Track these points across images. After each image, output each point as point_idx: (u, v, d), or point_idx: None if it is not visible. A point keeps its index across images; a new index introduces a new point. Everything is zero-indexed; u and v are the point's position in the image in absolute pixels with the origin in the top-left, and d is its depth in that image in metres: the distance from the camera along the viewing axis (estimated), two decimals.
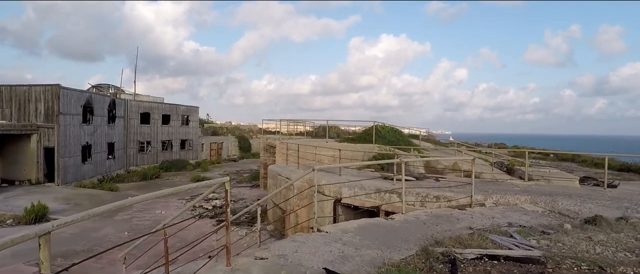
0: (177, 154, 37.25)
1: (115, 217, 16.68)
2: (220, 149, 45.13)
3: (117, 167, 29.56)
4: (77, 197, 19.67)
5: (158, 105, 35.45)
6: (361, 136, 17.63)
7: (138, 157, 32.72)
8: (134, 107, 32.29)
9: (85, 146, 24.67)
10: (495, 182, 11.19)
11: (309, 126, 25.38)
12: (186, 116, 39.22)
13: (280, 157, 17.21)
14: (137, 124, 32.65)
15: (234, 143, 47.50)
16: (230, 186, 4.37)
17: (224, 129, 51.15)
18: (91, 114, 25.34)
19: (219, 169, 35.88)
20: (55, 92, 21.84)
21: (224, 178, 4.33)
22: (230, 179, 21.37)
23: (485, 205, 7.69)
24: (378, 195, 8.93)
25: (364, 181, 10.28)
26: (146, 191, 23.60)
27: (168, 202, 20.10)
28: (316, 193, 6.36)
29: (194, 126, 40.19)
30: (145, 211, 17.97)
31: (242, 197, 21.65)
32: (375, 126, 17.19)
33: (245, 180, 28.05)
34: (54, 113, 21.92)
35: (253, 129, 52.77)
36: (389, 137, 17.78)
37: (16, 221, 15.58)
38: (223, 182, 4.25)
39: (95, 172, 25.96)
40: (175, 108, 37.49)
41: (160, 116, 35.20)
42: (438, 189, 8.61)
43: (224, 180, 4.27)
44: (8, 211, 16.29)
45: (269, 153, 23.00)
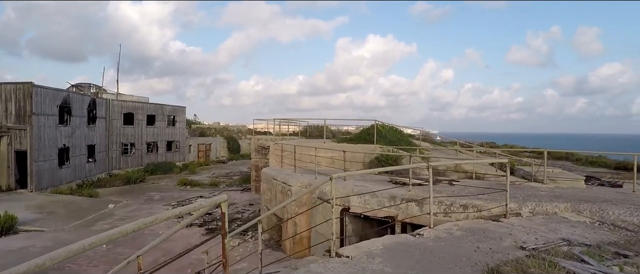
0: (163, 156, 35.60)
1: (93, 227, 15.21)
2: (208, 151, 43.56)
3: (98, 171, 27.85)
4: (51, 205, 18.07)
5: (142, 105, 33.76)
6: (360, 136, 16.52)
7: (121, 159, 31.01)
8: (117, 107, 30.58)
9: (62, 149, 22.97)
10: (513, 186, 10.17)
11: (302, 126, 24.19)
12: (172, 116, 37.57)
13: (275, 159, 15.99)
14: (120, 125, 30.94)
15: (222, 144, 45.97)
16: (227, 207, 3.17)
17: (212, 129, 49.56)
18: (69, 114, 23.65)
19: (207, 171, 34.38)
20: (27, 90, 20.15)
21: (220, 197, 3.13)
22: (221, 182, 19.94)
23: (521, 215, 6.63)
24: (393, 203, 7.80)
25: (372, 186, 9.15)
26: (129, 196, 22.07)
27: (153, 209, 18.65)
28: (334, 207, 5.17)
29: (180, 127, 38.57)
30: (128, 219, 16.51)
31: (233, 202, 20.31)
32: (375, 126, 16.10)
33: (236, 183, 26.69)
34: (26, 113, 20.22)
35: (242, 129, 51.29)
36: (390, 137, 16.71)
37: None
38: (219, 203, 3.05)
39: (74, 177, 24.27)
40: (161, 108, 35.84)
41: (144, 116, 33.52)
42: (464, 197, 7.52)
43: (220, 200, 3.07)
44: None
45: (261, 155, 21.71)
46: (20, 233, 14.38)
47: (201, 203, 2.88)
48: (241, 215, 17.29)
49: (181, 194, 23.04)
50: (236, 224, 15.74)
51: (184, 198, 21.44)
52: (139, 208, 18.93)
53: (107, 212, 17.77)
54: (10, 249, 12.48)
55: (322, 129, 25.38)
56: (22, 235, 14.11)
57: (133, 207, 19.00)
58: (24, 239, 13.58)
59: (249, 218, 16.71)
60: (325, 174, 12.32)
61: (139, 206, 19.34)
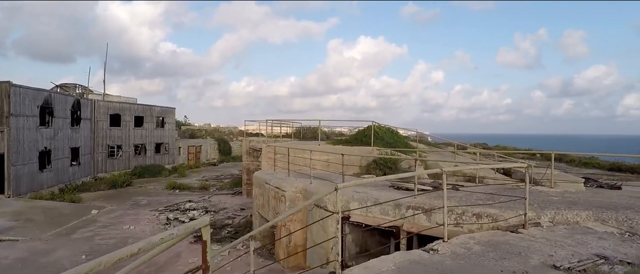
0: (152, 158, 34.55)
1: (73, 235, 14.29)
2: (198, 153, 42.56)
3: (82, 174, 26.76)
4: (29, 212, 17.05)
5: (130, 106, 32.70)
6: (356, 138, 15.86)
7: (107, 162, 29.91)
8: (103, 108, 29.50)
9: (43, 152, 21.90)
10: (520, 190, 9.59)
11: (295, 127, 23.45)
12: (161, 117, 36.55)
13: (267, 162, 15.25)
14: (106, 127, 29.86)
15: (213, 146, 44.98)
16: (209, 234, 2.44)
17: (203, 131, 48.54)
18: (51, 115, 22.59)
19: (197, 174, 33.42)
20: (4, 90, 19.09)
21: (201, 220, 2.40)
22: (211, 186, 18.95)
23: (540, 225, 6.01)
24: (397, 211, 7.13)
25: (374, 192, 8.48)
26: (114, 200, 21.10)
27: (139, 215, 17.74)
28: (339, 223, 4.47)
29: (170, 129, 37.55)
30: (111, 226, 15.61)
31: (224, 207, 19.50)
32: (372, 127, 15.46)
33: (227, 186, 25.83)
34: (3, 114, 19.16)
35: (233, 131, 50.35)
36: (387, 139, 16.08)
37: None
38: (198, 229, 2.34)
39: (57, 181, 23.19)
40: (150, 109, 34.79)
41: (132, 117, 32.46)
42: (476, 205, 6.89)
43: (200, 224, 2.36)
44: None
45: (252, 157, 20.93)
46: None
47: (174, 232, 2.15)
48: (232, 221, 16.49)
49: (169, 198, 22.13)
50: (226, 231, 14.96)
51: (172, 203, 20.54)
52: (124, 213, 18.00)
53: (90, 218, 16.82)
54: None
55: (316, 131, 24.70)
56: None
57: (118, 213, 18.06)
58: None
59: (240, 224, 15.94)
60: (321, 178, 11.65)
61: (124, 211, 18.42)
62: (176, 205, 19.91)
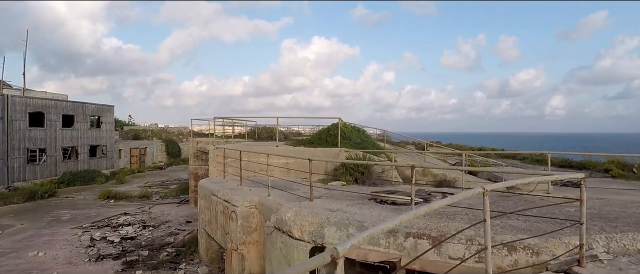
0: (86, 163, 30.29)
1: None
2: (143, 156, 38.49)
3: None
4: None
5: (56, 103, 28.28)
6: (320, 137, 13.78)
7: (27, 169, 25.47)
8: (19, 105, 25.03)
9: None
10: (518, 197, 8.01)
11: (250, 127, 20.96)
12: (97, 116, 32.29)
13: (215, 168, 12.74)
14: (25, 127, 25.40)
15: (160, 148, 41.01)
16: None
17: (149, 132, 44.21)
18: None
19: (140, 179, 29.77)
20: None
21: None
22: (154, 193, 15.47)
23: (599, 259, 4.24)
24: (392, 240, 5.11)
25: (352, 209, 6.43)
26: (27, 217, 17.42)
27: (55, 235, 14.45)
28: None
29: (108, 129, 33.33)
30: (13, 253, 12.31)
31: (166, 220, 16.63)
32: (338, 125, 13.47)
33: (172, 193, 22.77)
34: None
35: (183, 131, 46.46)
36: (355, 139, 14.18)
37: None
38: None
39: None
40: (81, 107, 30.48)
41: (59, 116, 28.09)
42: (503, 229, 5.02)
43: None
44: None
45: (201, 160, 18.19)
46: None
47: None
48: (174, 238, 13.76)
49: (100, 210, 18.77)
50: (165, 253, 12.26)
51: (102, 217, 17.29)
52: (36, 233, 14.60)
53: None
54: None
55: (272, 131, 22.34)
56: None
57: (27, 233, 14.62)
58: None
59: (184, 241, 13.27)
60: (281, 188, 9.41)
61: (38, 231, 14.99)
62: (107, 220, 16.72)
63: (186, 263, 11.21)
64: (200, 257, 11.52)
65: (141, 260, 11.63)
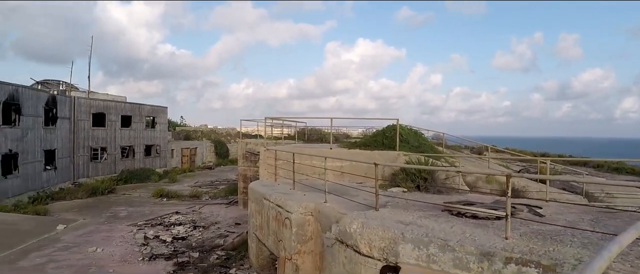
0: (141, 162, 31.64)
1: (21, 261, 11.33)
2: (193, 156, 39.66)
3: (59, 180, 23.84)
4: None
5: (116, 104, 29.79)
6: (376, 140, 12.95)
7: (90, 166, 26.99)
8: (84, 107, 26.58)
9: (7, 155, 18.97)
10: (626, 214, 6.65)
11: (300, 127, 20.49)
12: (152, 117, 33.67)
13: (266, 170, 12.33)
14: (89, 127, 26.94)
15: (209, 148, 42.08)
16: None
17: (199, 132, 45.61)
18: (17, 113, 19.68)
19: (190, 179, 30.52)
20: None
21: None
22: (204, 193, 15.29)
23: None
24: (487, 265, 4.20)
25: (429, 223, 5.56)
26: (89, 212, 18.18)
27: (112, 231, 14.82)
28: None
29: (161, 129, 34.65)
30: (75, 247, 12.68)
31: (216, 221, 16.58)
32: (396, 127, 12.55)
33: (221, 194, 22.93)
34: None
35: (231, 133, 47.44)
36: (412, 142, 13.18)
37: None
38: None
39: (25, 188, 20.27)
40: (138, 108, 31.90)
41: (118, 117, 29.56)
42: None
43: None
44: None
45: (250, 162, 18.01)
46: None
47: None
48: (224, 240, 13.56)
49: (154, 208, 19.20)
50: (216, 255, 12.01)
51: (156, 215, 17.62)
52: (95, 229, 15.08)
53: (52, 237, 13.89)
54: None
55: (321, 132, 21.78)
56: None
57: (88, 228, 15.13)
58: None
59: (234, 244, 13.00)
60: (338, 193, 8.73)
61: (97, 226, 15.49)
62: (160, 218, 16.99)
63: (236, 268, 10.85)
64: (251, 262, 11.12)
65: (192, 262, 11.46)
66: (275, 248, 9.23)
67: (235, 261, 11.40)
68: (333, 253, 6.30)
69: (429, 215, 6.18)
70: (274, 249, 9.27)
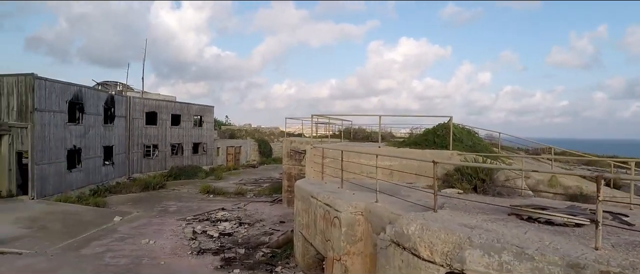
0: (189, 159, 32.88)
1: (83, 249, 12.01)
2: (238, 154, 40.66)
3: (117, 174, 25.29)
4: (47, 218, 15.21)
5: (167, 104, 31.18)
6: (427, 139, 12.36)
7: (143, 162, 28.44)
8: (139, 106, 28.05)
9: (72, 150, 20.38)
10: None
11: (345, 126, 20.14)
12: (199, 116, 34.89)
13: (313, 168, 12.17)
14: (142, 125, 28.40)
15: (253, 147, 42.95)
16: None
17: (243, 131, 46.73)
18: (81, 112, 21.09)
19: (235, 177, 31.23)
20: (28, 83, 17.59)
21: None
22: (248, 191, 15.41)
23: None
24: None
25: (498, 227, 5.05)
26: (142, 205, 19.04)
27: (163, 224, 15.37)
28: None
29: (208, 128, 35.82)
30: (129, 238, 13.25)
31: (261, 219, 16.70)
32: (449, 126, 11.88)
33: (265, 192, 23.18)
34: (27, 110, 17.67)
35: (274, 132, 48.14)
36: (466, 141, 12.44)
37: None
38: None
39: (87, 182, 21.67)
40: (187, 107, 33.19)
41: (169, 116, 30.92)
42: None
43: None
44: None
45: (294, 160, 17.99)
46: None
47: None
48: (269, 238, 13.57)
49: (201, 204, 19.76)
50: (261, 253, 12.02)
51: (203, 210, 18.09)
52: (148, 222, 15.72)
53: (110, 227, 14.65)
54: None
55: (365, 132, 21.33)
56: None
57: (141, 221, 15.81)
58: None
59: (279, 242, 12.97)
60: (389, 192, 8.35)
61: (149, 219, 16.14)
62: (207, 214, 17.41)
63: (282, 267, 10.76)
64: (296, 261, 10.99)
65: (238, 258, 11.53)
66: (322, 248, 9.00)
67: (281, 260, 11.32)
68: (387, 256, 5.93)
69: (495, 219, 5.64)
70: (322, 248, 9.05)
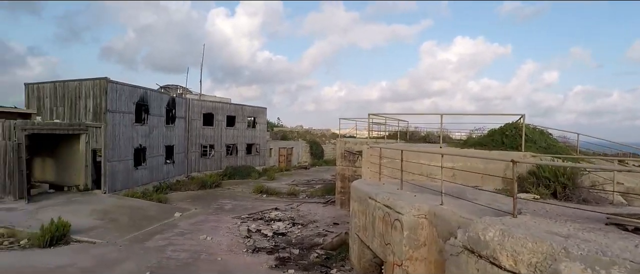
0: (243, 159, 33.83)
1: (148, 242, 12.61)
2: (290, 155, 41.18)
3: (177, 173, 26.62)
4: (117, 211, 16.26)
5: (222, 105, 32.35)
6: (493, 139, 11.41)
7: (200, 162, 29.71)
8: (197, 107, 29.38)
9: (138, 149, 21.74)
10: None
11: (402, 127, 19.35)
12: (253, 117, 35.80)
13: (369, 169, 11.74)
14: (200, 126, 29.69)
15: (305, 149, 43.28)
16: None
17: (295, 133, 47.30)
18: (146, 113, 22.45)
19: (287, 178, 31.59)
20: (102, 86, 19.02)
21: None
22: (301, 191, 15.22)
23: None
24: None
25: (595, 237, 4.33)
26: (199, 202, 19.77)
27: (220, 222, 15.77)
28: None
29: (261, 129, 36.65)
30: (188, 234, 13.72)
31: (314, 220, 16.56)
32: (522, 125, 10.88)
33: (318, 193, 23.09)
34: (101, 110, 19.10)
35: (325, 134, 48.18)
36: (539, 142, 11.31)
37: (30, 242, 12.20)
38: None
39: (151, 179, 23.00)
40: (241, 109, 34.20)
41: (224, 117, 32.05)
42: None
43: None
44: (28, 228, 13.07)
45: (348, 161, 17.66)
46: (71, 244, 12.32)
47: None
48: (323, 239, 13.35)
49: (255, 204, 20.10)
50: (315, 254, 11.82)
51: (257, 210, 18.36)
52: (205, 219, 16.23)
53: (171, 222, 15.31)
54: (48, 267, 10.20)
55: (420, 134, 20.40)
56: (71, 247, 11.98)
57: (199, 218, 16.36)
58: (70, 254, 11.36)
59: (333, 244, 12.70)
60: (454, 194, 7.74)
61: (206, 216, 16.67)
62: (261, 213, 17.63)
63: (337, 269, 10.46)
64: (352, 264, 10.63)
65: (293, 258, 11.42)
66: (381, 252, 8.56)
67: (336, 262, 11.02)
68: (459, 264, 5.39)
69: (591, 228, 4.88)
70: (380, 252, 8.61)
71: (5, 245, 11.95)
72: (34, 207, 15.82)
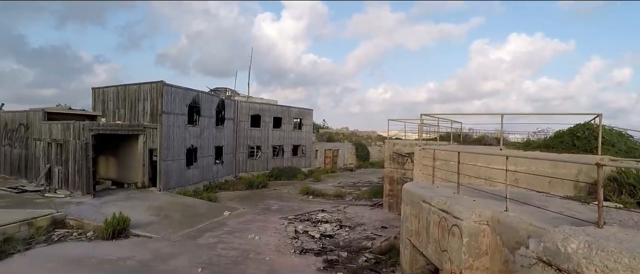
0: (289, 160, 34.15)
1: (199, 239, 12.94)
2: (335, 157, 40.99)
3: (225, 173, 27.40)
4: (171, 208, 16.94)
5: (269, 107, 32.89)
6: (562, 141, 10.38)
7: (248, 162, 30.37)
8: (245, 109, 30.09)
9: (190, 149, 22.61)
10: None
11: (455, 129, 18.42)
12: (299, 119, 36.06)
13: (421, 171, 11.18)
14: (247, 128, 30.38)
15: (350, 151, 42.90)
16: None
17: (340, 135, 47.07)
18: (198, 114, 23.32)
19: (333, 179, 31.39)
20: (159, 89, 20.00)
21: None
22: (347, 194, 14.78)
23: None
24: None
25: None
26: (247, 202, 20.10)
27: (267, 222, 15.87)
28: None
29: (307, 131, 36.82)
30: (237, 233, 13.91)
31: (361, 222, 16.17)
32: (599, 126, 9.78)
33: (364, 196, 22.64)
34: (157, 112, 20.08)
35: (371, 136, 47.46)
36: (619, 146, 10.12)
37: (95, 234, 13.01)
38: None
39: (201, 178, 23.83)
40: (288, 111, 34.57)
41: (271, 118, 32.56)
42: None
43: None
44: (93, 221, 13.98)
45: (397, 163, 17.08)
46: (130, 238, 12.97)
47: None
48: (371, 243, 12.94)
49: (301, 205, 20.07)
50: (364, 258, 11.44)
51: (303, 211, 18.31)
52: (253, 218, 16.42)
53: (220, 220, 15.66)
54: (110, 258, 10.77)
55: (472, 136, 19.32)
56: (129, 241, 12.60)
57: (247, 217, 16.59)
58: (130, 247, 11.95)
59: (382, 249, 12.26)
60: (519, 200, 7.05)
61: (254, 216, 16.87)
62: (307, 214, 17.54)
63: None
64: (403, 270, 10.13)
65: (341, 261, 11.15)
66: (436, 259, 8.03)
67: (386, 267, 10.59)
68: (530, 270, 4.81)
69: None
70: (435, 259, 8.08)
71: (75, 236, 12.85)
72: (98, 202, 16.92)
